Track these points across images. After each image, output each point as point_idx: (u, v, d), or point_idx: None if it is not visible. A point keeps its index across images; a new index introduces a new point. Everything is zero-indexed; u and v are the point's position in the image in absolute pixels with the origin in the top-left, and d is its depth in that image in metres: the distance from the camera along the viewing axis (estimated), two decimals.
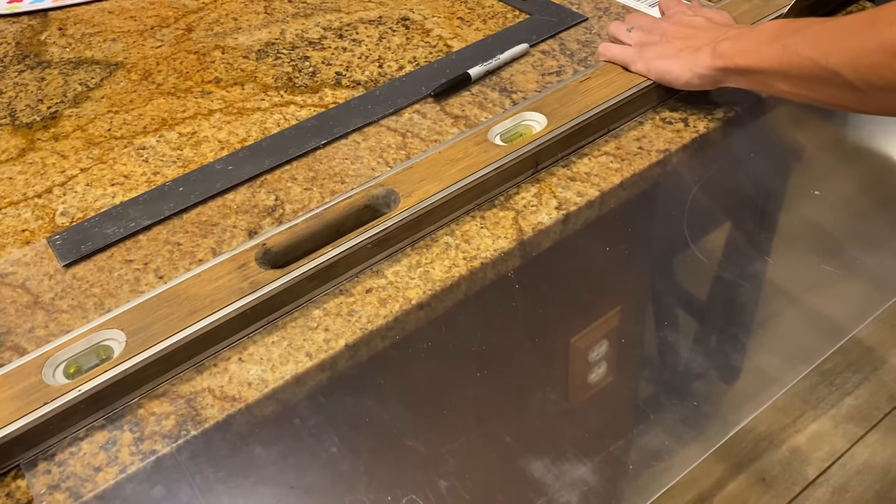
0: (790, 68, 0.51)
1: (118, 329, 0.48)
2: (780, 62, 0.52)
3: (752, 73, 0.55)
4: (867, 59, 0.46)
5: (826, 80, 0.49)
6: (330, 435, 0.45)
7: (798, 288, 0.52)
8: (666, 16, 0.67)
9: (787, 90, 0.53)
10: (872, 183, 0.62)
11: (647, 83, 0.63)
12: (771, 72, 0.53)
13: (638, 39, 0.65)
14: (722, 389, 0.47)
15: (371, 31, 0.79)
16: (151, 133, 0.68)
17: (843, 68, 0.47)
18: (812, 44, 0.50)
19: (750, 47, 0.54)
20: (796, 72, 0.51)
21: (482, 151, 0.59)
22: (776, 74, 0.53)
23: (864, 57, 0.46)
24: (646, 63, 0.63)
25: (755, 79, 0.56)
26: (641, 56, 0.63)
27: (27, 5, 0.88)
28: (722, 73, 0.58)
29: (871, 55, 0.45)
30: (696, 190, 0.59)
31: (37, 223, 0.60)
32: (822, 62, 0.48)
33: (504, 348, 0.50)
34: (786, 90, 0.53)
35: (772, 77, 0.54)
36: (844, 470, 1.25)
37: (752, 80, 0.56)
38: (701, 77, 0.59)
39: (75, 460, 0.45)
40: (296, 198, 0.60)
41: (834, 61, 0.48)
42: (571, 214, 0.57)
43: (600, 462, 0.43)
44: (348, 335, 0.50)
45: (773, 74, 0.53)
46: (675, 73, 0.60)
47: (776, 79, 0.53)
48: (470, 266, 0.54)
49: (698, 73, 0.59)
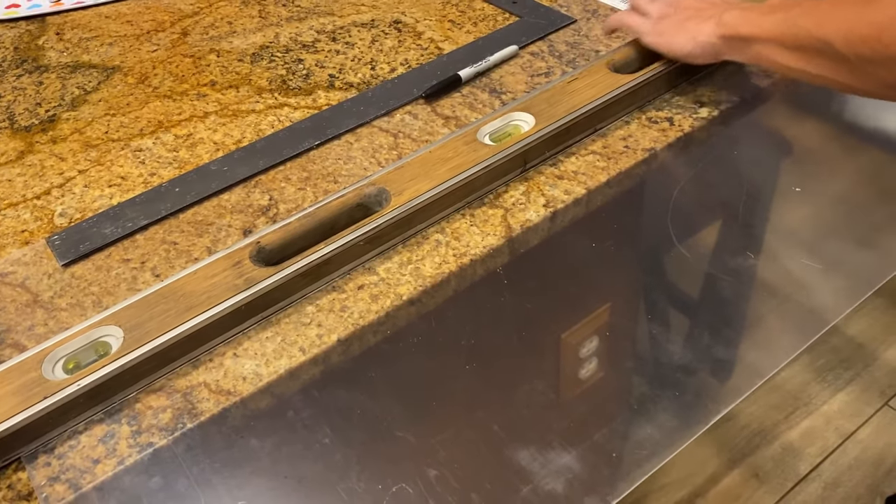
0: (787, 38, 0.53)
1: (116, 326, 0.49)
2: (779, 31, 0.54)
3: (752, 42, 0.56)
4: (858, 30, 0.47)
5: (819, 50, 0.50)
6: (323, 427, 0.46)
7: (780, 282, 0.54)
8: None
9: (782, 62, 0.54)
10: (853, 180, 0.63)
11: (632, 83, 0.65)
12: (769, 40, 0.55)
13: (657, 11, 0.66)
14: (705, 380, 0.48)
15: (364, 34, 0.80)
16: (148, 135, 0.70)
17: (836, 39, 0.48)
18: (809, 14, 0.51)
19: (753, 17, 0.56)
20: (792, 41, 0.52)
21: (472, 151, 0.60)
22: (774, 43, 0.54)
23: (855, 28, 0.47)
24: (656, 36, 0.65)
25: (754, 49, 0.57)
26: (655, 28, 0.65)
27: (25, 10, 0.90)
28: (723, 43, 0.59)
29: (862, 27, 0.47)
30: (681, 188, 0.60)
31: (36, 224, 0.62)
32: (817, 32, 0.50)
33: (492, 342, 0.51)
34: (781, 62, 0.54)
35: (770, 47, 0.55)
36: (836, 465, 1.26)
37: (751, 52, 0.57)
38: (703, 46, 0.61)
39: (74, 453, 0.46)
40: (290, 197, 0.62)
41: (828, 31, 0.49)
42: (559, 212, 0.59)
43: (585, 450, 0.44)
44: (341, 330, 0.51)
45: (771, 43, 0.55)
46: (679, 44, 0.62)
47: (773, 49, 0.55)
48: (460, 263, 0.55)
49: (700, 41, 0.60)
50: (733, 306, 0.53)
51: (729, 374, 0.49)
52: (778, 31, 0.54)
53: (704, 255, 0.56)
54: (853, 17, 0.48)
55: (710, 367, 0.49)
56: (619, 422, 0.46)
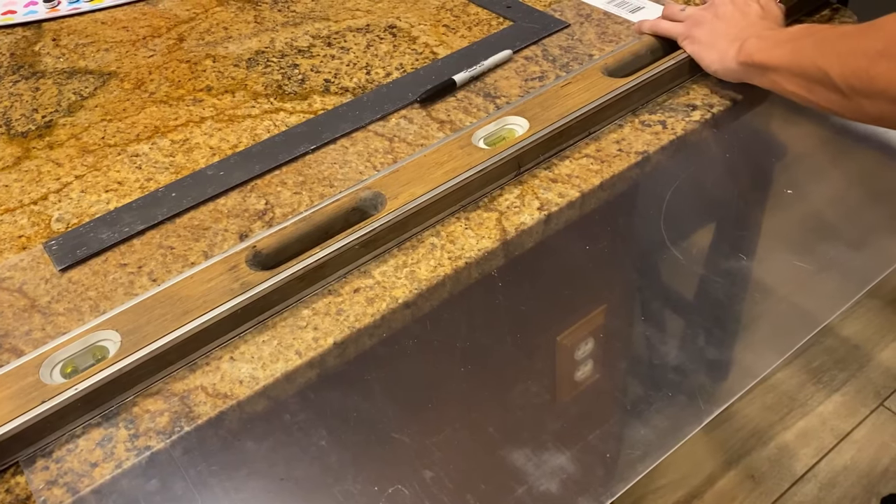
0: (795, 67, 0.54)
1: (113, 330, 0.50)
2: (789, 61, 0.55)
3: (767, 70, 0.58)
4: (851, 63, 0.48)
5: (819, 80, 0.52)
6: (319, 429, 0.46)
7: (772, 284, 0.54)
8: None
9: (791, 90, 0.56)
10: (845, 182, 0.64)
11: (625, 87, 0.65)
12: (780, 69, 0.56)
13: (692, 16, 0.67)
14: (698, 381, 0.48)
15: (359, 39, 0.81)
16: (144, 140, 0.70)
17: (832, 70, 0.50)
18: (816, 46, 0.53)
19: (768, 45, 0.58)
20: (799, 70, 0.54)
21: (466, 155, 0.60)
22: (784, 72, 0.56)
23: (849, 61, 0.49)
24: (690, 43, 0.66)
25: (769, 77, 0.58)
26: (689, 34, 0.66)
27: (21, 16, 0.90)
28: (743, 69, 0.61)
29: (855, 59, 0.48)
30: (674, 190, 0.61)
31: (33, 229, 0.62)
32: (819, 63, 0.51)
33: (487, 344, 0.51)
34: (791, 90, 0.56)
35: (781, 75, 0.56)
36: (832, 466, 1.27)
37: (766, 79, 0.59)
38: (727, 71, 0.63)
39: (72, 457, 0.46)
40: (286, 201, 0.62)
41: (826, 63, 0.50)
42: (553, 215, 0.59)
43: (579, 451, 0.44)
44: (337, 333, 0.52)
45: (781, 72, 0.56)
46: (707, 62, 0.64)
47: (784, 77, 0.56)
48: (455, 266, 0.56)
49: (725, 65, 0.62)
50: (726, 308, 0.53)
51: (722, 375, 0.49)
52: (787, 61, 0.55)
53: (697, 257, 0.57)
54: (847, 48, 0.49)
55: (704, 369, 0.49)
56: (612, 423, 0.46)
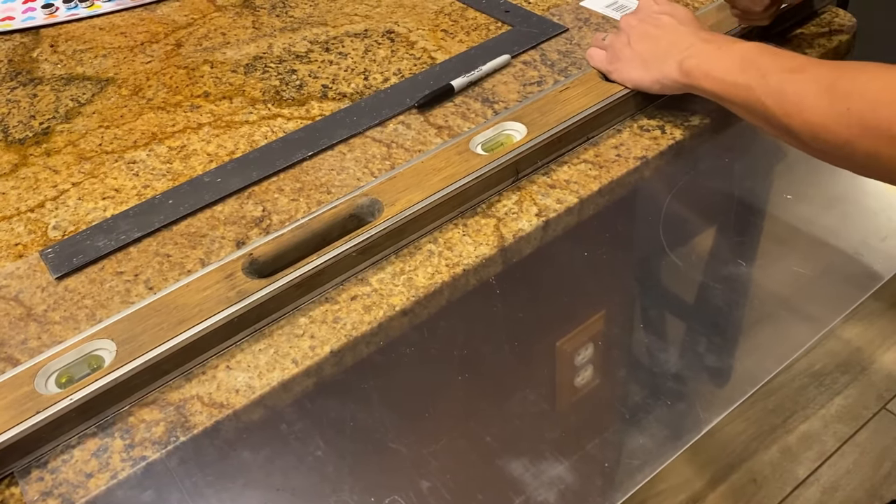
0: (754, 110, 0.54)
1: (109, 339, 0.49)
2: (745, 102, 0.54)
3: (717, 97, 0.57)
4: (826, 135, 0.48)
5: (788, 133, 0.52)
6: (315, 439, 0.46)
7: (771, 290, 0.54)
8: (636, 9, 0.69)
9: (747, 120, 0.56)
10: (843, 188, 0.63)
11: (624, 92, 0.65)
12: (735, 105, 0.56)
13: (611, 43, 0.67)
14: (696, 389, 0.48)
15: (357, 45, 0.81)
16: (142, 147, 0.70)
17: (804, 135, 0.50)
18: (777, 101, 0.52)
19: (717, 73, 0.56)
20: (760, 116, 0.54)
21: (464, 161, 0.60)
22: (739, 108, 0.56)
23: (823, 133, 0.49)
24: (619, 74, 0.65)
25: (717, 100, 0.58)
26: (614, 66, 0.65)
27: (19, 22, 0.90)
28: (687, 88, 0.60)
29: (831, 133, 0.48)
30: (672, 196, 0.61)
31: (29, 237, 0.62)
32: (785, 122, 0.51)
33: (485, 352, 0.51)
34: (746, 119, 0.56)
35: (735, 108, 0.56)
36: (834, 469, 1.26)
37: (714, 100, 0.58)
38: (668, 88, 0.62)
39: (67, 467, 0.46)
40: (283, 208, 0.62)
41: (795, 125, 0.50)
42: (551, 221, 0.59)
43: (577, 461, 0.44)
44: (333, 342, 0.51)
45: (735, 107, 0.56)
46: (646, 85, 0.63)
47: (739, 111, 0.56)
48: (452, 273, 0.55)
49: (666, 84, 0.61)
50: (726, 314, 0.53)
51: (721, 382, 0.49)
52: (743, 101, 0.54)
53: (696, 263, 0.57)
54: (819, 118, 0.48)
55: (703, 376, 0.49)
56: (611, 432, 0.46)
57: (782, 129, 0.51)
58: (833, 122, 0.47)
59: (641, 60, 0.63)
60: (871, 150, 0.46)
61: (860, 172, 0.49)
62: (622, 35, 0.66)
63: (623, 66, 0.65)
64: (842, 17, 0.76)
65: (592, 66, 0.69)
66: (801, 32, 0.74)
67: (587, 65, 0.73)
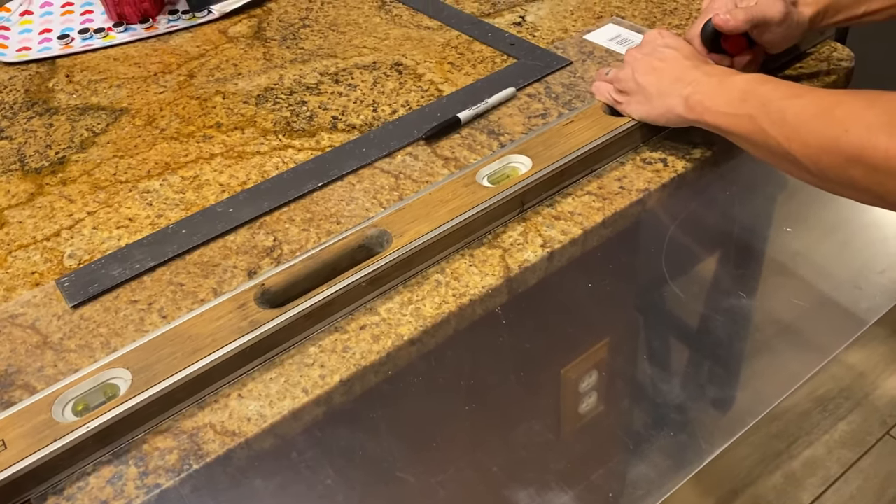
0: (756, 141, 0.55)
1: (124, 368, 0.51)
2: (748, 132, 0.56)
3: (721, 131, 0.59)
4: (826, 159, 0.50)
5: (788, 160, 0.53)
6: (325, 467, 0.47)
7: (772, 321, 0.55)
8: (641, 43, 0.70)
9: (751, 152, 0.57)
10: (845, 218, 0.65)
11: (626, 126, 0.66)
12: (738, 138, 0.57)
13: (617, 77, 0.69)
14: (698, 419, 0.49)
15: (366, 77, 0.82)
16: (155, 177, 0.72)
17: (804, 160, 0.51)
18: (777, 126, 0.53)
19: (720, 106, 0.58)
20: (762, 145, 0.55)
21: (470, 193, 0.62)
22: (742, 140, 0.57)
23: (823, 157, 0.50)
24: (625, 107, 0.67)
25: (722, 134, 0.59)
26: (621, 98, 0.67)
27: (36, 53, 0.92)
28: (692, 122, 0.61)
29: (830, 156, 0.49)
30: (675, 228, 0.62)
31: (46, 265, 0.63)
32: (786, 146, 0.52)
33: (491, 382, 0.52)
34: (750, 152, 0.57)
35: (739, 140, 0.58)
36: (839, 495, 1.26)
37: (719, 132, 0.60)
38: (672, 122, 0.64)
39: (83, 494, 0.47)
40: (293, 238, 0.63)
41: (795, 149, 0.52)
42: (556, 252, 0.60)
43: (582, 490, 0.45)
44: (343, 371, 0.53)
45: (739, 139, 0.58)
46: (652, 118, 0.65)
47: (742, 143, 0.58)
48: (459, 303, 0.57)
49: (672, 119, 0.63)
50: (727, 345, 0.54)
51: (723, 413, 0.50)
52: (746, 132, 0.56)
53: (698, 294, 0.58)
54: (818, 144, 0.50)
55: (704, 406, 0.50)
56: (615, 462, 0.47)
57: (784, 156, 0.53)
58: (832, 144, 0.48)
59: (646, 94, 0.65)
60: (870, 174, 0.47)
61: (862, 199, 0.50)
62: (627, 68, 0.68)
63: (629, 99, 0.66)
64: (840, 52, 0.77)
65: (599, 100, 0.70)
66: (799, 66, 0.76)
67: (591, 98, 0.75)
